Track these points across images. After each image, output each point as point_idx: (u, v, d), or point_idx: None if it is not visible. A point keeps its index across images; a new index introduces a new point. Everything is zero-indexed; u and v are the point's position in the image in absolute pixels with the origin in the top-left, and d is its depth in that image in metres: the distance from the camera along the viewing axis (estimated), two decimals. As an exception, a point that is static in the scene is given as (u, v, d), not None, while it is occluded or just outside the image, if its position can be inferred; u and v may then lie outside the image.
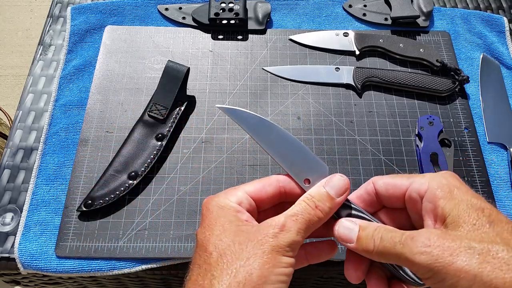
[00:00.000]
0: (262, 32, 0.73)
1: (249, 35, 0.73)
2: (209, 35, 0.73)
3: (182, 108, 0.63)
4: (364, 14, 0.76)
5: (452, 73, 0.67)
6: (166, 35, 0.73)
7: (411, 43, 0.70)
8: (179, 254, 0.54)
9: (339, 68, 0.69)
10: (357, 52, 0.70)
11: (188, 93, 0.66)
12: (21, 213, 0.57)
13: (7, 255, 0.54)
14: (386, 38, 0.71)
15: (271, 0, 0.76)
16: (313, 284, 0.63)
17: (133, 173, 0.58)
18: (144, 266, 0.54)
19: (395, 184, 0.34)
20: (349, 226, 0.33)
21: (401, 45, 0.70)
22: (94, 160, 0.60)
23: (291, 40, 0.72)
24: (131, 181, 0.58)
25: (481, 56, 0.72)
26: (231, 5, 0.72)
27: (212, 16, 0.70)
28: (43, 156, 0.61)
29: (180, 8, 0.75)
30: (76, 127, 0.63)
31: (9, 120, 1.42)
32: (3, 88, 1.64)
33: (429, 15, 0.74)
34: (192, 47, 0.72)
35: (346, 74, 0.68)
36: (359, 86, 0.67)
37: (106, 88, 0.67)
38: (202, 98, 0.66)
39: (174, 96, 0.62)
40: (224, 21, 0.71)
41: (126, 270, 0.53)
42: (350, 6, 0.77)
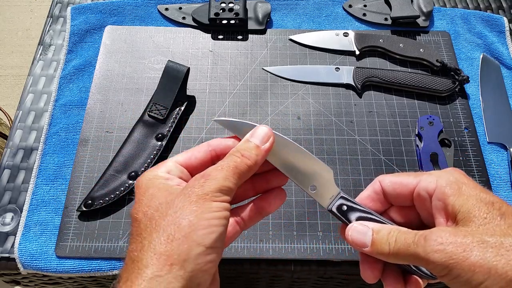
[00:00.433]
0: (262, 32, 0.73)
1: (249, 35, 0.73)
2: (209, 35, 0.73)
3: (182, 108, 0.63)
4: (364, 14, 0.76)
5: (452, 73, 0.67)
6: (166, 35, 0.73)
7: (411, 43, 0.70)
8: (179, 254, 0.54)
9: (339, 68, 0.69)
10: (357, 52, 0.70)
11: (188, 93, 0.66)
12: (21, 213, 0.57)
13: (7, 255, 0.54)
14: (386, 38, 0.71)
15: (271, 0, 0.76)
16: (313, 284, 0.63)
17: (133, 173, 0.58)
18: (144, 266, 0.54)
19: (402, 183, 0.35)
20: (362, 231, 0.33)
21: (401, 45, 0.70)
22: (94, 160, 0.60)
23: (291, 40, 0.72)
24: (131, 181, 0.58)
25: (481, 56, 0.72)
26: (231, 5, 0.72)
27: (212, 16, 0.70)
28: (43, 156, 0.61)
29: (180, 8, 0.75)
30: (76, 127, 0.63)
31: (9, 120, 1.42)
32: (3, 88, 1.64)
33: (429, 15, 0.74)
34: (192, 47, 0.72)
35: (346, 74, 0.68)
36: (359, 86, 0.67)
37: (106, 88, 0.67)
38: (202, 98, 0.66)
39: (174, 96, 0.62)
40: (224, 21, 0.71)
41: (126, 270, 0.53)
42: (350, 6, 0.77)
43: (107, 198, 0.56)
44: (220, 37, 0.73)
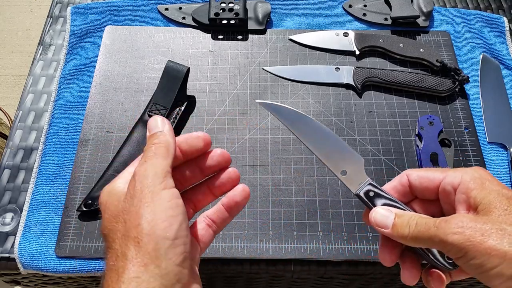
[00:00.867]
0: (262, 32, 0.73)
1: (249, 35, 0.73)
2: (209, 35, 0.73)
3: (182, 108, 0.63)
4: (364, 14, 0.76)
5: (452, 73, 0.67)
6: (166, 35, 0.73)
7: (411, 43, 0.70)
8: (179, 254, 0.54)
9: (339, 68, 0.69)
10: (357, 52, 0.70)
11: (188, 93, 0.66)
12: (21, 213, 0.57)
13: (7, 255, 0.54)
14: (386, 38, 0.71)
15: (271, 0, 0.76)
16: (313, 284, 0.63)
17: (133, 173, 0.58)
18: (144, 266, 0.54)
19: (429, 177, 0.37)
20: (385, 214, 0.36)
21: (401, 45, 0.70)
22: (94, 160, 0.60)
23: (291, 40, 0.72)
24: (131, 181, 0.57)
25: (481, 56, 0.72)
26: (231, 5, 0.72)
27: (212, 16, 0.70)
28: (43, 156, 0.61)
29: (180, 8, 0.75)
30: (76, 127, 0.63)
31: (9, 120, 1.42)
32: (3, 88, 1.64)
33: (429, 15, 0.74)
34: (192, 47, 0.72)
35: (346, 74, 0.68)
36: (359, 86, 0.67)
37: (106, 88, 0.67)
38: (202, 98, 0.66)
39: (174, 96, 0.62)
40: (224, 21, 0.71)
41: (126, 270, 0.53)
42: (350, 6, 0.77)
43: (107, 198, 0.56)
44: (220, 37, 0.73)
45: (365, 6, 0.76)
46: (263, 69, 0.69)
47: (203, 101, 0.66)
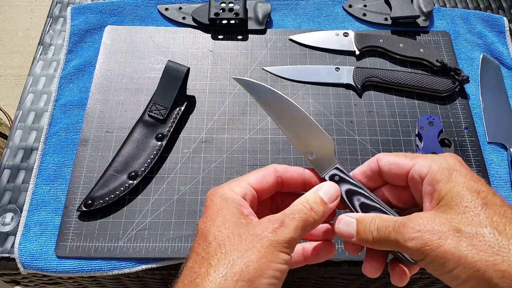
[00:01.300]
0: (262, 32, 0.73)
1: (249, 35, 0.73)
2: (209, 35, 0.73)
3: (182, 108, 0.63)
4: (364, 14, 0.76)
5: (452, 73, 0.67)
6: (166, 35, 0.73)
7: (411, 43, 0.70)
8: (179, 254, 0.54)
9: (339, 68, 0.69)
10: (357, 52, 0.70)
11: (188, 93, 0.66)
12: (21, 213, 0.57)
13: (7, 255, 0.54)
14: (386, 38, 0.71)
15: (271, 0, 0.76)
16: (313, 284, 0.63)
17: (133, 173, 0.58)
18: (144, 266, 0.54)
19: (398, 164, 0.35)
20: (347, 222, 0.34)
21: (401, 45, 0.70)
22: (94, 160, 0.60)
23: (291, 40, 0.72)
24: (131, 181, 0.58)
25: (481, 56, 0.72)
26: (231, 5, 0.72)
27: (212, 16, 0.70)
28: (43, 156, 0.61)
29: (180, 8, 0.75)
30: (76, 127, 0.63)
31: (9, 120, 1.42)
32: (3, 88, 1.64)
33: (429, 15, 0.74)
34: (192, 47, 0.72)
35: (346, 74, 0.68)
36: (359, 86, 0.67)
37: (106, 88, 0.67)
38: (202, 98, 0.66)
39: (174, 96, 0.62)
40: (224, 21, 0.71)
41: (126, 270, 0.53)
42: (350, 6, 0.77)
43: (107, 198, 0.56)
44: (220, 37, 0.73)
45: (365, 6, 0.76)
46: (263, 69, 0.69)
47: (203, 101, 0.66)
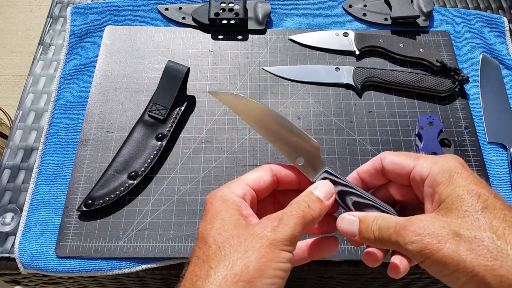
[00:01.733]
0: (262, 32, 0.73)
1: (249, 35, 0.73)
2: (209, 35, 0.73)
3: (182, 108, 0.63)
4: (364, 14, 0.76)
5: (452, 73, 0.67)
6: (166, 35, 0.73)
7: (411, 43, 0.71)
8: (179, 254, 0.54)
9: (339, 68, 0.69)
10: (357, 52, 0.70)
11: (188, 93, 0.66)
12: (21, 213, 0.57)
13: (7, 255, 0.54)
14: (386, 38, 0.71)
15: (271, 0, 0.76)
16: (313, 284, 0.63)
17: (133, 173, 0.58)
18: (144, 266, 0.54)
19: (401, 164, 0.36)
20: (350, 221, 0.35)
21: (401, 45, 0.70)
22: (94, 160, 0.60)
23: (291, 40, 0.72)
24: (131, 181, 0.58)
25: (481, 56, 0.72)
26: (231, 5, 0.72)
27: (212, 16, 0.70)
28: (43, 156, 0.61)
29: (180, 8, 0.75)
30: (76, 127, 0.63)
31: (9, 120, 1.42)
32: (3, 88, 1.64)
33: (429, 15, 0.74)
34: (192, 47, 0.72)
35: (346, 74, 0.68)
36: (359, 86, 0.67)
37: (106, 88, 0.67)
38: (202, 98, 0.66)
39: (174, 96, 0.62)
40: (224, 21, 0.71)
41: (126, 270, 0.53)
42: (350, 6, 0.77)
43: (107, 198, 0.56)
44: (220, 37, 0.73)
45: (365, 6, 0.76)
46: (263, 69, 0.69)
47: (203, 101, 0.66)
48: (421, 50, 0.70)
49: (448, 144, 0.61)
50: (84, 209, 0.55)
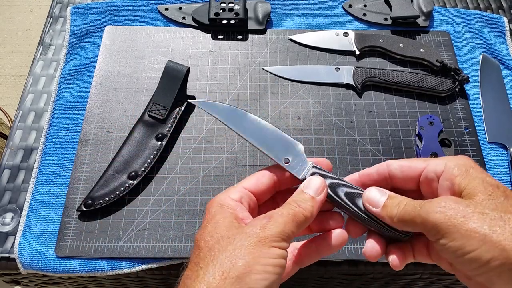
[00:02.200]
0: (262, 32, 0.73)
1: (249, 35, 0.73)
2: (209, 35, 0.73)
3: (182, 108, 0.63)
4: (364, 14, 0.76)
5: (452, 73, 0.67)
6: (166, 35, 0.73)
7: (411, 43, 0.70)
8: (179, 254, 0.54)
9: (339, 68, 0.69)
10: (357, 52, 0.70)
11: (188, 93, 0.66)
12: (21, 213, 0.57)
13: (7, 255, 0.54)
14: (386, 38, 0.71)
15: (271, 0, 0.76)
16: (313, 284, 0.63)
17: (133, 173, 0.58)
18: (144, 266, 0.54)
19: (411, 166, 0.36)
20: (378, 193, 0.35)
21: (401, 45, 0.70)
22: (94, 160, 0.60)
23: (291, 40, 0.72)
24: (131, 181, 0.58)
25: (481, 56, 0.72)
26: (231, 5, 0.72)
27: (212, 16, 0.70)
28: (43, 156, 0.61)
29: (180, 8, 0.75)
30: (76, 127, 0.63)
31: (9, 120, 1.42)
32: (3, 88, 1.64)
33: (429, 15, 0.74)
34: (192, 47, 0.72)
35: (346, 74, 0.68)
36: (359, 86, 0.67)
37: (106, 88, 0.67)
38: (202, 98, 0.66)
39: (174, 96, 0.62)
40: (224, 21, 0.71)
41: (126, 270, 0.53)
42: (350, 6, 0.77)
43: (107, 198, 0.56)
44: (220, 37, 0.73)
45: (365, 6, 0.76)
46: (263, 69, 0.69)
47: (203, 101, 0.66)
48: (421, 50, 0.70)
49: (448, 144, 0.61)
50: (84, 209, 0.55)
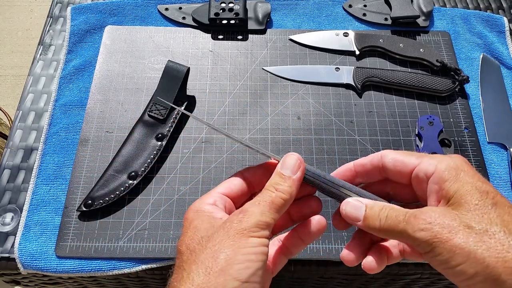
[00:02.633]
0: (262, 32, 0.73)
1: (249, 35, 0.73)
2: (209, 35, 0.73)
3: (182, 108, 0.63)
4: (364, 14, 0.76)
5: (452, 73, 0.67)
6: (166, 35, 0.73)
7: (411, 43, 0.70)
8: (179, 254, 0.54)
9: (339, 68, 0.69)
10: (357, 52, 0.70)
11: (188, 93, 0.66)
12: (21, 213, 0.57)
13: (7, 255, 0.54)
14: (386, 38, 0.71)
15: (271, 0, 0.76)
16: (313, 284, 0.63)
17: (133, 173, 0.58)
18: (144, 266, 0.54)
19: (404, 162, 0.35)
20: (356, 206, 0.34)
21: (401, 45, 0.70)
22: (94, 160, 0.60)
23: (291, 40, 0.72)
24: (131, 181, 0.58)
25: (481, 56, 0.72)
26: (231, 5, 0.72)
27: (212, 16, 0.70)
28: (43, 156, 0.61)
29: (180, 8, 0.75)
30: (76, 127, 0.63)
31: (9, 120, 1.42)
32: (3, 88, 1.64)
33: (429, 15, 0.74)
34: (192, 47, 0.72)
35: (346, 74, 0.68)
36: (359, 86, 0.67)
37: (106, 88, 0.67)
38: (202, 98, 0.66)
39: (174, 96, 0.62)
40: (224, 21, 0.71)
41: (126, 270, 0.53)
42: (350, 6, 0.77)
43: (107, 198, 0.56)
44: (220, 37, 0.73)
45: (365, 6, 0.76)
46: (263, 69, 0.69)
47: (203, 101, 0.66)
48: (421, 50, 0.70)
49: (448, 144, 0.61)
50: (84, 209, 0.55)
